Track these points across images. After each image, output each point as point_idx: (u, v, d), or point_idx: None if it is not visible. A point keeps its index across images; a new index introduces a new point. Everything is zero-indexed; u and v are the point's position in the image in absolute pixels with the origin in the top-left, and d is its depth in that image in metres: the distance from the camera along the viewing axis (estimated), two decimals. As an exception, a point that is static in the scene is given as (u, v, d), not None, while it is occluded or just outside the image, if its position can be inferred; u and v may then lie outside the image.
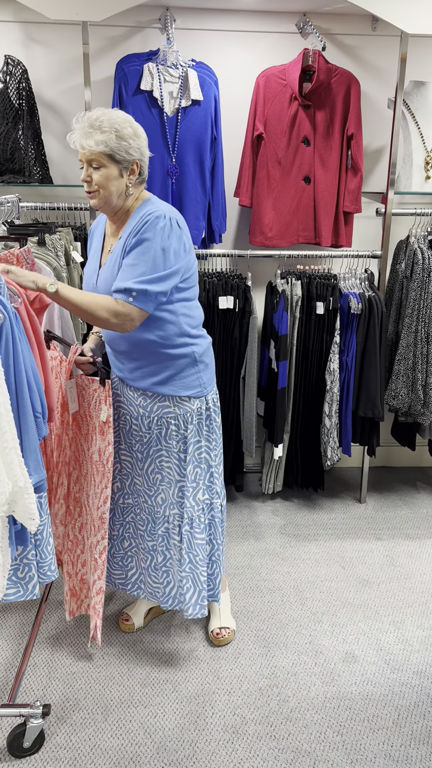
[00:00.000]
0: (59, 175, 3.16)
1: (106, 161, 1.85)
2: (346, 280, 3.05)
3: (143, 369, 2.02)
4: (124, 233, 1.91)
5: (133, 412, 2.09)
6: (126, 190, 1.90)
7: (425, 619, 2.46)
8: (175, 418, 2.06)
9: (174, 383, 2.02)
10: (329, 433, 3.05)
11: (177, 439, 2.07)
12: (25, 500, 1.60)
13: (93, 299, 1.81)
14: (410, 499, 3.38)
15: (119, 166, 1.86)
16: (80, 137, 1.85)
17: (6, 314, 1.59)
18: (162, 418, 2.06)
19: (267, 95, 2.95)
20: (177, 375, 2.02)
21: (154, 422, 2.07)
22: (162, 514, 2.12)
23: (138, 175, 1.91)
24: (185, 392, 2.04)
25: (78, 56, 2.98)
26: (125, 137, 1.84)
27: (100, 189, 1.87)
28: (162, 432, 2.07)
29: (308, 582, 2.67)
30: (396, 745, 1.91)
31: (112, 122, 1.84)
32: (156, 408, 2.05)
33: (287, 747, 1.90)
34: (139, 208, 1.93)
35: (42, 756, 1.85)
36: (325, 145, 2.99)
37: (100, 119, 1.84)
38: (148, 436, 2.09)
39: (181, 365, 2.02)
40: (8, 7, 2.96)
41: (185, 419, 2.06)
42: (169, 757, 1.86)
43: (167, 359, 2.00)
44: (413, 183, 3.04)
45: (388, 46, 3.15)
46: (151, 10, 3.01)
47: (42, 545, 1.79)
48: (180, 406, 2.05)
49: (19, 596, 1.78)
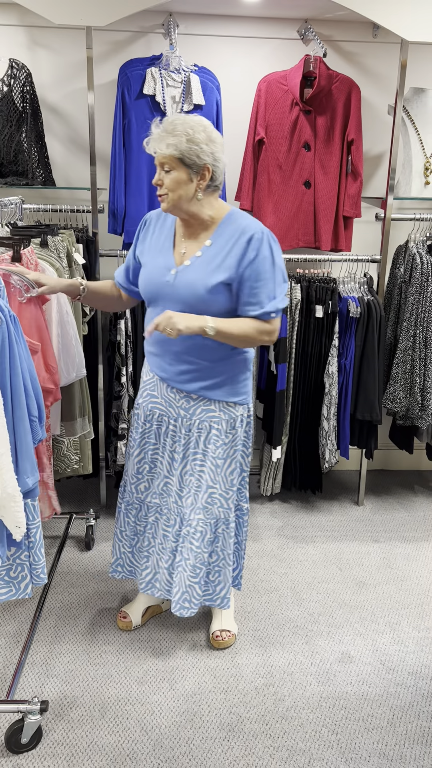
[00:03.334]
0: (62, 178, 3.19)
1: (176, 165, 1.86)
2: (346, 284, 3.07)
3: (194, 373, 2.02)
4: (216, 242, 1.95)
5: (172, 414, 2.09)
6: (195, 195, 1.91)
7: (421, 620, 2.48)
8: (218, 423, 2.07)
9: (224, 389, 2.05)
10: (327, 435, 3.07)
11: (218, 444, 2.08)
12: (13, 507, 1.60)
13: (246, 326, 1.92)
14: (407, 502, 3.39)
15: (189, 170, 1.87)
16: (153, 141, 1.88)
17: (4, 318, 1.60)
18: (204, 421, 2.06)
19: (268, 100, 2.98)
20: (229, 381, 2.05)
21: (195, 425, 2.07)
22: (188, 517, 2.13)
23: (210, 181, 1.91)
24: (233, 398, 2.07)
25: (82, 60, 3.01)
26: (197, 141, 1.84)
27: (169, 192, 1.89)
28: (202, 436, 2.08)
29: (305, 583, 2.69)
30: (390, 745, 1.93)
31: (185, 126, 1.85)
32: (199, 411, 2.06)
33: (282, 745, 1.91)
34: (230, 220, 1.96)
35: (39, 752, 1.87)
36: (325, 150, 3.02)
37: (174, 123, 1.86)
38: (187, 439, 2.09)
39: (235, 371, 2.05)
40: (13, 11, 2.99)
41: (230, 425, 2.08)
42: (165, 754, 1.87)
43: (224, 365, 2.02)
44: (412, 188, 3.06)
45: (389, 53, 3.18)
46: (154, 16, 3.04)
47: (35, 548, 1.80)
48: (226, 411, 2.07)
49: (11, 595, 1.79)
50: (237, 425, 2.10)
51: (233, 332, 1.90)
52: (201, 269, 1.94)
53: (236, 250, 1.92)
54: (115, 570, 2.32)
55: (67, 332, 2.37)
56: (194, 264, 1.96)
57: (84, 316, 2.78)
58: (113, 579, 2.66)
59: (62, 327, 2.34)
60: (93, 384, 2.98)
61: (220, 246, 1.95)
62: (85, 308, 2.77)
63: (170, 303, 1.97)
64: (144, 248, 2.08)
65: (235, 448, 2.12)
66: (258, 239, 1.91)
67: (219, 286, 1.93)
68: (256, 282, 1.92)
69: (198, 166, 1.87)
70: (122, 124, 2.91)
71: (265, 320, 1.94)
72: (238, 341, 1.95)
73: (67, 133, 3.18)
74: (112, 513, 3.18)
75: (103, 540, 2.95)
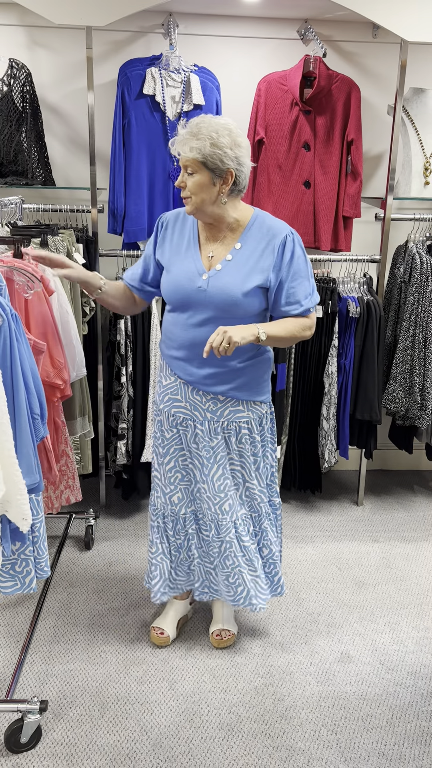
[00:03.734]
0: (62, 178, 3.19)
1: (199, 168, 1.85)
2: (345, 284, 3.07)
3: (223, 375, 2.02)
4: (246, 244, 1.96)
5: (198, 417, 2.07)
6: (219, 199, 1.90)
7: (420, 620, 2.48)
8: (248, 422, 2.08)
9: (251, 388, 2.06)
10: (327, 435, 3.07)
11: (250, 442, 2.10)
12: (19, 501, 1.61)
13: (291, 326, 1.96)
14: (407, 502, 3.40)
15: (212, 174, 1.86)
16: (178, 143, 1.87)
17: (5, 316, 1.60)
18: (233, 422, 2.07)
19: (268, 101, 2.98)
20: (255, 380, 2.07)
21: (223, 426, 2.07)
22: (229, 520, 2.11)
23: (233, 185, 1.90)
24: (259, 397, 2.09)
25: (81, 60, 3.01)
26: (220, 146, 1.82)
27: (192, 195, 1.89)
28: (232, 436, 2.08)
29: (305, 583, 2.69)
30: (390, 744, 1.93)
31: (210, 129, 1.83)
32: (227, 413, 2.06)
33: (282, 745, 1.91)
34: (257, 222, 1.98)
35: (39, 751, 1.87)
36: (325, 151, 3.02)
37: (199, 126, 1.85)
38: (216, 441, 2.08)
39: (260, 371, 2.08)
40: (13, 11, 2.99)
41: (257, 423, 2.10)
42: (164, 753, 1.87)
43: (250, 365, 2.04)
44: (412, 188, 3.06)
45: (388, 54, 3.18)
46: (154, 16, 3.04)
47: (39, 542, 1.81)
48: (254, 410, 2.09)
49: (17, 589, 1.80)
50: (264, 422, 2.13)
51: (281, 334, 1.93)
52: (234, 273, 1.94)
53: (269, 253, 1.94)
54: (161, 593, 2.24)
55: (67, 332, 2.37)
56: (226, 268, 1.95)
57: (84, 316, 2.78)
58: (114, 579, 2.67)
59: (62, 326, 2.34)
60: (93, 384, 2.98)
61: (250, 248, 1.96)
62: (84, 308, 2.77)
63: (202, 308, 1.97)
64: (164, 251, 2.05)
65: (264, 444, 2.15)
66: (291, 240, 1.95)
67: (255, 289, 1.94)
68: (293, 282, 1.95)
69: (221, 170, 1.85)
70: (122, 124, 2.91)
71: (305, 316, 1.99)
72: (285, 341, 1.98)
73: (66, 133, 3.18)
74: (112, 513, 3.18)
75: (103, 540, 2.95)
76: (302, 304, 1.97)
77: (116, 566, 2.76)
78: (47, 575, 1.85)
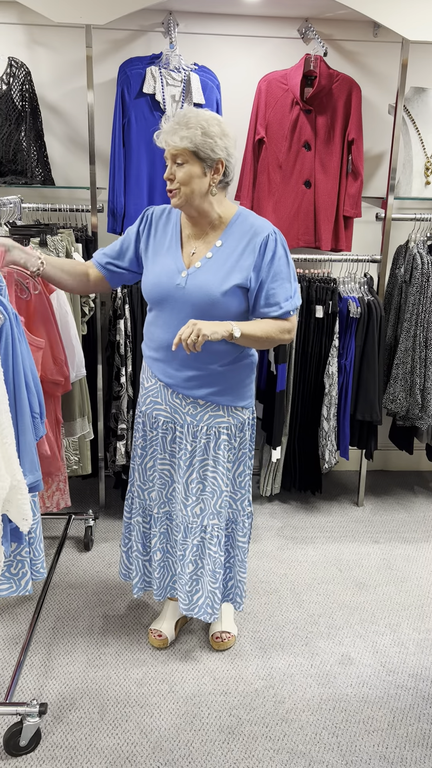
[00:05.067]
0: (61, 177, 3.18)
1: (190, 158, 1.82)
2: (346, 284, 3.06)
3: (203, 379, 1.98)
4: (227, 242, 1.91)
5: (178, 420, 2.05)
6: (209, 190, 1.87)
7: (421, 622, 2.47)
8: (227, 428, 2.04)
9: (232, 393, 2.03)
10: (327, 436, 3.06)
11: (228, 449, 2.06)
12: (19, 500, 1.61)
13: (268, 327, 1.90)
14: (407, 503, 3.39)
15: (203, 164, 1.83)
16: (166, 134, 1.84)
17: (6, 315, 1.60)
18: (212, 427, 2.03)
19: (268, 100, 2.97)
20: (236, 385, 2.03)
21: (203, 431, 2.04)
22: (199, 524, 2.09)
23: (222, 176, 1.88)
24: (241, 403, 2.05)
25: (81, 59, 2.99)
26: (211, 135, 1.81)
27: (181, 186, 1.85)
28: (211, 442, 2.04)
29: (305, 584, 2.68)
30: (391, 747, 1.92)
31: (199, 119, 1.81)
32: (207, 417, 2.03)
33: (282, 748, 1.90)
34: (239, 219, 1.94)
35: (38, 755, 1.86)
36: (325, 150, 3.01)
37: (187, 116, 1.83)
38: (194, 445, 2.05)
39: (242, 376, 2.04)
40: (12, 9, 2.98)
41: (238, 429, 2.07)
42: (164, 757, 1.86)
43: (232, 370, 2.00)
44: (413, 188, 3.05)
45: (389, 53, 3.17)
46: (154, 14, 3.03)
47: (35, 543, 1.80)
48: (234, 416, 2.05)
49: (12, 591, 1.79)
50: (245, 429, 2.09)
51: (257, 334, 1.87)
52: (213, 271, 1.90)
53: (250, 252, 1.90)
54: (138, 588, 2.25)
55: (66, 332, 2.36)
56: (205, 266, 1.91)
57: (83, 316, 2.77)
58: (114, 581, 2.66)
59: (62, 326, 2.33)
60: (92, 384, 2.97)
61: (231, 246, 1.91)
62: (83, 308, 2.76)
63: (180, 307, 1.92)
64: (147, 246, 2.01)
65: (242, 451, 2.11)
66: (273, 240, 1.90)
67: (234, 289, 1.89)
68: (273, 283, 1.90)
69: (212, 160, 1.83)
70: (122, 123, 2.90)
71: (285, 319, 1.93)
72: (261, 343, 1.91)
73: (66, 132, 3.17)
74: (112, 513, 3.17)
75: (102, 541, 2.94)
76: (282, 306, 1.91)
77: (116, 567, 2.75)
78: (43, 577, 1.84)
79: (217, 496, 2.07)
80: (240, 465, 2.12)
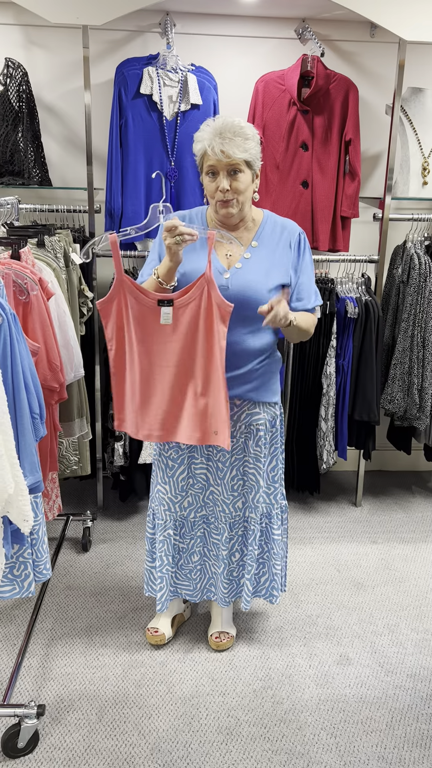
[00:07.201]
0: (58, 178, 3.17)
1: (244, 167, 1.88)
2: (343, 285, 3.06)
3: (240, 378, 2.01)
4: (262, 243, 1.98)
5: None
6: (253, 196, 1.96)
7: (419, 622, 2.47)
8: (264, 425, 2.07)
9: (266, 389, 2.06)
10: (325, 436, 3.06)
11: (265, 444, 2.09)
12: (20, 501, 1.61)
13: (310, 320, 2.02)
14: (405, 503, 3.39)
15: (252, 172, 1.91)
16: (225, 145, 1.83)
17: (5, 316, 1.60)
18: (250, 425, 2.06)
19: (266, 100, 2.97)
20: (269, 380, 2.07)
21: (240, 430, 2.07)
22: (242, 517, 2.14)
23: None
24: (274, 397, 2.09)
25: (78, 59, 2.99)
26: (257, 143, 1.90)
27: (238, 196, 1.89)
28: (249, 440, 2.07)
29: (303, 585, 2.68)
30: (389, 748, 1.92)
31: (252, 130, 1.88)
32: (244, 416, 2.06)
33: (281, 748, 1.90)
34: (271, 219, 2.02)
35: (36, 756, 1.85)
36: (323, 150, 3.01)
37: (241, 125, 1.87)
38: (232, 445, 2.07)
39: (272, 370, 2.08)
40: (9, 10, 2.98)
41: (271, 423, 2.10)
42: (163, 758, 1.86)
43: (264, 365, 2.03)
44: (410, 188, 3.06)
45: (387, 53, 3.17)
46: (151, 15, 3.03)
47: (38, 545, 1.80)
48: (269, 411, 2.09)
49: (15, 593, 1.79)
50: (277, 423, 2.14)
51: (303, 326, 1.96)
52: (255, 271, 1.95)
53: (285, 249, 1.98)
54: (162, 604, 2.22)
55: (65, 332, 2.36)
56: (246, 266, 1.96)
57: (81, 317, 2.76)
58: (112, 581, 2.65)
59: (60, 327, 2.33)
60: (90, 384, 2.96)
61: (268, 246, 1.98)
62: (82, 308, 2.75)
63: None
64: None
65: (275, 445, 2.15)
66: (304, 238, 2.01)
67: (278, 287, 1.96)
68: (304, 277, 2.02)
69: (257, 167, 1.92)
70: (119, 123, 2.89)
71: (312, 313, 2.05)
72: (301, 334, 2.00)
73: (63, 132, 3.17)
74: (110, 515, 3.16)
75: (101, 542, 2.94)
76: (311, 299, 2.03)
77: (114, 568, 2.74)
78: (47, 578, 1.84)
79: (255, 491, 2.12)
80: (273, 459, 2.15)
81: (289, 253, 1.99)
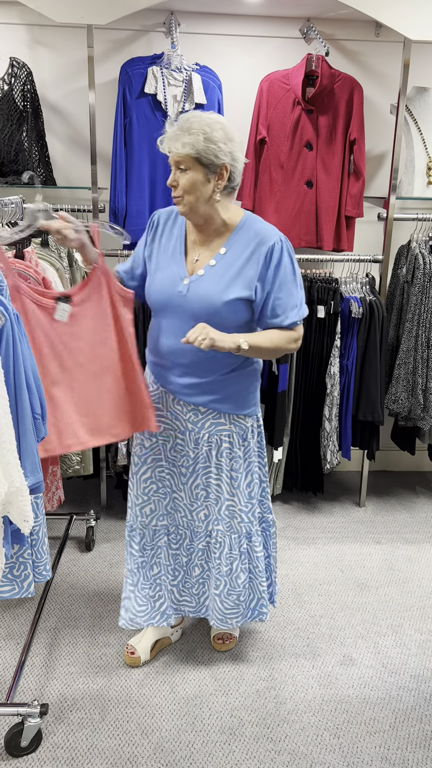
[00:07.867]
0: (62, 177, 3.18)
1: (193, 164, 1.77)
2: (348, 284, 3.06)
3: (204, 386, 1.94)
4: (232, 250, 1.86)
5: (180, 427, 2.02)
6: (213, 196, 1.81)
7: (423, 623, 2.46)
8: (229, 436, 2.00)
9: (234, 401, 1.97)
10: (329, 436, 3.05)
11: (230, 457, 2.01)
12: (20, 502, 1.60)
13: (275, 337, 1.86)
14: (409, 504, 3.38)
15: (206, 170, 1.77)
16: (168, 140, 1.80)
17: (7, 316, 1.59)
18: (214, 435, 1.99)
19: (270, 100, 2.96)
20: (238, 393, 1.98)
21: (204, 439, 2.00)
22: (204, 529, 2.07)
23: (227, 182, 1.82)
24: (243, 411, 2.00)
25: (83, 59, 2.99)
26: (214, 140, 1.75)
27: (185, 194, 1.79)
28: (213, 449, 2.00)
29: (307, 585, 2.67)
30: (393, 749, 1.91)
31: (201, 124, 1.75)
32: (208, 425, 1.99)
33: (284, 749, 1.90)
34: (245, 226, 1.88)
35: (39, 755, 1.86)
36: (327, 150, 3.00)
37: (189, 121, 1.76)
38: (196, 452, 2.02)
39: (245, 383, 1.99)
40: (14, 9, 2.98)
41: (240, 437, 2.02)
42: (165, 758, 1.86)
43: (234, 377, 1.95)
44: (415, 188, 3.05)
45: (391, 52, 3.16)
46: (156, 14, 3.03)
47: (38, 545, 1.79)
48: (236, 424, 2.01)
49: (14, 594, 1.79)
50: (248, 437, 2.04)
51: (265, 345, 1.84)
52: (216, 280, 1.85)
53: (255, 261, 1.84)
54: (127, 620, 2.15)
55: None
56: (208, 274, 1.86)
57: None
58: (115, 581, 2.65)
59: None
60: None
61: (235, 254, 1.86)
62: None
63: (181, 314, 1.88)
64: (152, 252, 1.97)
65: (249, 460, 2.06)
66: (279, 249, 1.84)
67: (236, 300, 1.85)
68: (280, 293, 1.85)
69: (216, 165, 1.77)
70: (123, 123, 2.90)
71: (291, 329, 1.89)
72: (268, 353, 1.90)
73: (67, 132, 3.17)
74: (113, 514, 3.17)
75: (104, 541, 2.94)
76: (288, 316, 1.87)
77: (117, 567, 2.74)
78: (46, 579, 1.84)
79: (220, 503, 2.04)
80: (248, 475, 2.07)
81: (256, 266, 1.84)
